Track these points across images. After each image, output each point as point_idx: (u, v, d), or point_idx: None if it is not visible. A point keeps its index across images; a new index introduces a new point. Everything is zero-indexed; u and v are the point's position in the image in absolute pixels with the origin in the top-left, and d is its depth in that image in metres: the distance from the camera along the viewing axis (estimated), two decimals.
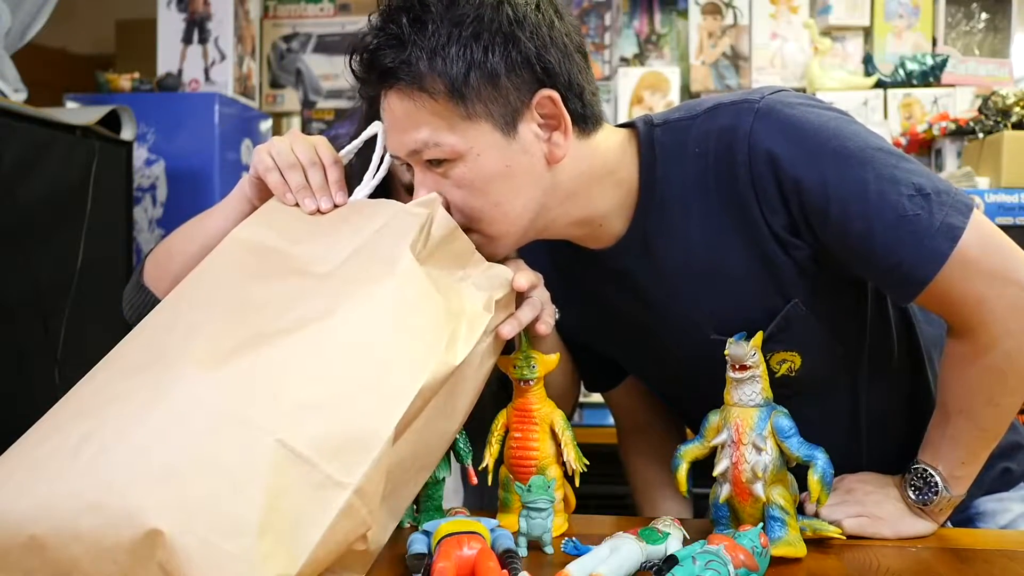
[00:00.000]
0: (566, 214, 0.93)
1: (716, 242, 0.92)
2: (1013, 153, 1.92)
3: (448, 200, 0.88)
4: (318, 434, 0.68)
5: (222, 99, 2.55)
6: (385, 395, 0.72)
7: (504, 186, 0.87)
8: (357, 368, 0.73)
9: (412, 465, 0.79)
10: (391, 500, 0.77)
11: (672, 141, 0.93)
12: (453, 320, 0.80)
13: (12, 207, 1.77)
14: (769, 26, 2.86)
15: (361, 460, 0.69)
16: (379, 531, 0.75)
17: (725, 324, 0.90)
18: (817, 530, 0.89)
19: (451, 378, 0.79)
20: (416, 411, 0.74)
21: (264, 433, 0.67)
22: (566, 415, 0.94)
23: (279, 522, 0.65)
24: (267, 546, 0.63)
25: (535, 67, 0.85)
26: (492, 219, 0.88)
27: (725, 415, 0.86)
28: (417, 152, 0.87)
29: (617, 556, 0.75)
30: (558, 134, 0.88)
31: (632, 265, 0.96)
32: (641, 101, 2.86)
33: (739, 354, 0.84)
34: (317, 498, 0.67)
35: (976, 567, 0.84)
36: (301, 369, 0.72)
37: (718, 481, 0.87)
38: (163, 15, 2.70)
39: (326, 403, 0.70)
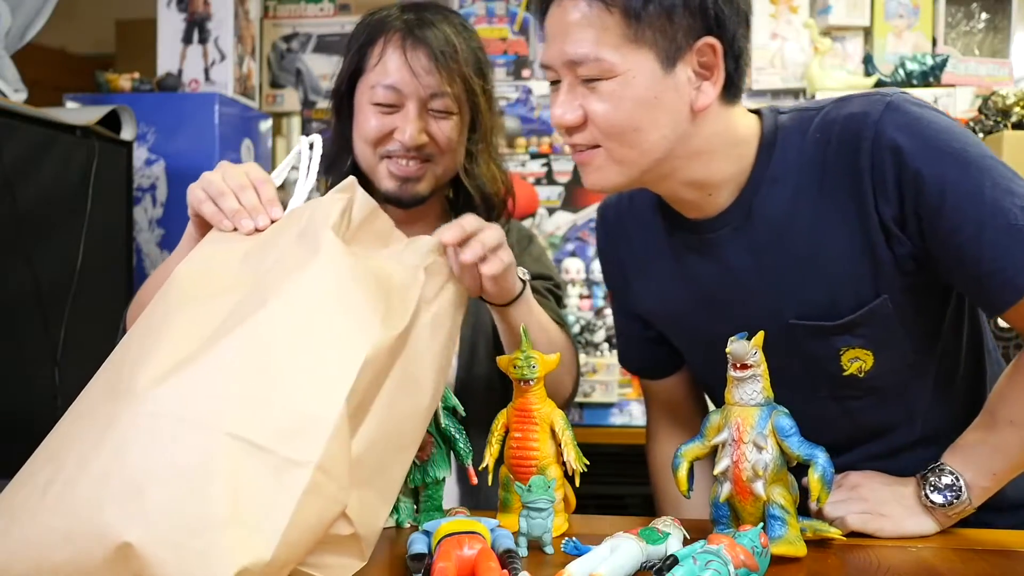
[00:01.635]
0: (687, 169, 0.96)
1: (821, 226, 0.94)
2: (1013, 153, 1.93)
3: (588, 113, 0.91)
4: (270, 422, 0.69)
5: (222, 99, 2.55)
6: (330, 372, 0.73)
7: (647, 114, 0.91)
8: (297, 352, 0.74)
9: (388, 445, 0.79)
10: (376, 482, 0.77)
11: (794, 125, 0.97)
12: (385, 293, 0.81)
13: (12, 207, 1.77)
14: (769, 26, 2.86)
15: (317, 437, 0.69)
16: (367, 514, 0.75)
17: (808, 309, 0.94)
18: (817, 531, 0.89)
19: (398, 350, 0.79)
20: (368, 384, 0.75)
21: (216, 431, 0.68)
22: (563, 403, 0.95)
23: (245, 513, 0.65)
24: (235, 537, 0.64)
25: (709, 12, 0.89)
26: (627, 141, 0.92)
27: (726, 414, 0.86)
28: (574, 64, 0.90)
29: (617, 556, 0.75)
30: (708, 84, 0.92)
31: (729, 238, 0.99)
32: None
33: (740, 352, 0.84)
34: (279, 482, 0.67)
35: (976, 567, 0.84)
36: (243, 365, 0.72)
37: (718, 480, 0.87)
38: (163, 15, 2.70)
39: (273, 392, 0.71)
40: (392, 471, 0.81)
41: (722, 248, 1.00)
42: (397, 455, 0.81)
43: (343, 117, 1.26)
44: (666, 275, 1.07)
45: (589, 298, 2.64)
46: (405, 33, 1.17)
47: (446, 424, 0.94)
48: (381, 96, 1.18)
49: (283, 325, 0.75)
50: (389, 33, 1.19)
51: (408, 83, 1.16)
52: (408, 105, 1.17)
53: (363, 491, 0.75)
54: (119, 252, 2.19)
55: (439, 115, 1.19)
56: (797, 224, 0.95)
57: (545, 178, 2.91)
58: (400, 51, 1.17)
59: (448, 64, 1.16)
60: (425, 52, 1.16)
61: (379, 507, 0.78)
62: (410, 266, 0.87)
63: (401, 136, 1.17)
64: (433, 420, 0.94)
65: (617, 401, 2.35)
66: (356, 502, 0.73)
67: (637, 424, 2.34)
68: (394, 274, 0.85)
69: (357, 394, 0.73)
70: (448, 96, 1.17)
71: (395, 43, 1.18)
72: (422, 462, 0.94)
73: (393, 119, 1.18)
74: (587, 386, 2.33)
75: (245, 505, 0.66)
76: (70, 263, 1.94)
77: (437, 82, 1.16)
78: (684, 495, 0.91)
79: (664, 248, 1.07)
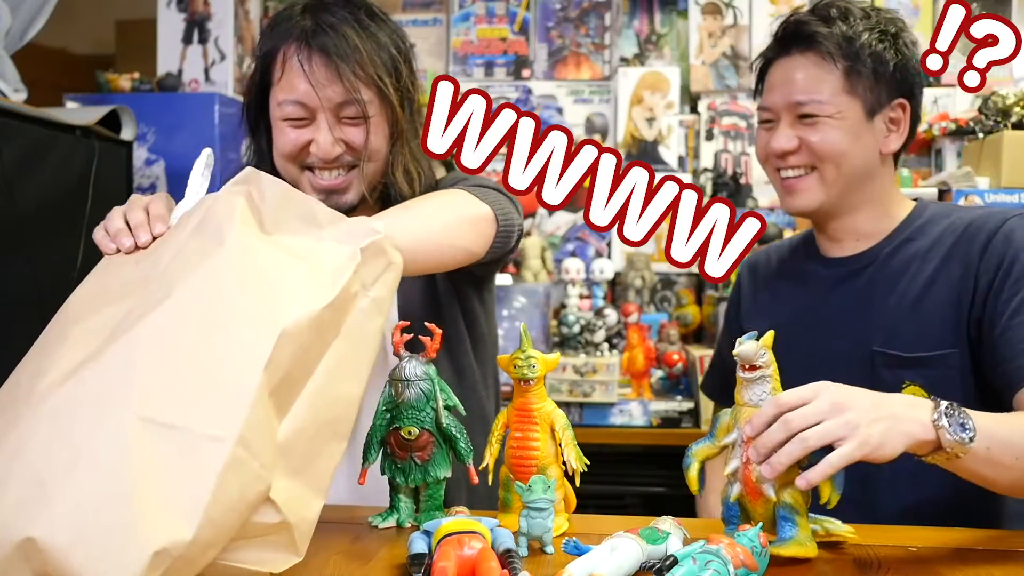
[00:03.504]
0: (859, 205, 1.21)
1: (935, 280, 1.14)
2: (1013, 153, 1.92)
3: (804, 141, 1.18)
4: (183, 402, 0.67)
5: (222, 99, 2.55)
6: (244, 346, 0.71)
7: (852, 145, 1.17)
8: (209, 333, 0.72)
9: (319, 433, 0.76)
10: (306, 472, 0.74)
11: (942, 211, 1.22)
12: (308, 272, 0.78)
13: (12, 207, 1.77)
14: (769, 26, 2.86)
15: (235, 410, 0.67)
16: (297, 504, 0.72)
17: (893, 340, 1.13)
18: (830, 530, 0.88)
19: (329, 330, 0.76)
20: (291, 360, 0.72)
21: (124, 416, 0.66)
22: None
23: (160, 494, 0.63)
24: (151, 519, 0.62)
25: (906, 81, 1.17)
26: (836, 162, 1.17)
27: (736, 415, 0.86)
28: (800, 104, 1.17)
29: (617, 556, 0.75)
30: (895, 135, 1.19)
31: (853, 274, 1.21)
32: (641, 101, 2.87)
33: (748, 353, 0.83)
34: (196, 459, 0.65)
35: (976, 567, 0.84)
36: (151, 353, 0.70)
37: (729, 481, 0.87)
38: (163, 15, 2.70)
39: (186, 372, 0.69)
40: (323, 461, 0.77)
41: (842, 281, 1.22)
42: (328, 444, 0.78)
43: (258, 132, 1.22)
44: (784, 292, 1.31)
45: (589, 298, 2.64)
46: (302, 43, 1.12)
47: (447, 424, 0.94)
48: (290, 112, 1.14)
49: (192, 311, 0.73)
50: (287, 43, 1.13)
51: (312, 96, 1.11)
52: (319, 117, 1.13)
53: (292, 481, 0.72)
54: None
55: (352, 122, 1.14)
56: (916, 275, 1.15)
57: None
58: (299, 63, 1.11)
59: (352, 69, 1.11)
60: (323, 61, 1.11)
61: (310, 498, 0.75)
62: (347, 248, 0.82)
63: (316, 149, 1.13)
64: (434, 420, 0.94)
65: (617, 401, 2.34)
66: (284, 491, 0.71)
67: (637, 424, 2.34)
68: (321, 253, 0.81)
69: (278, 368, 0.70)
70: (355, 105, 1.12)
71: (293, 55, 1.12)
72: (422, 462, 0.95)
73: (307, 132, 1.14)
74: (587, 386, 2.33)
75: (161, 486, 0.64)
76: (70, 263, 1.94)
77: (342, 91, 1.11)
78: (695, 494, 0.91)
79: (793, 272, 1.31)
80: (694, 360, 2.38)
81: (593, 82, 2.95)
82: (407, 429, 0.93)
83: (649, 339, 2.51)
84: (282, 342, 0.71)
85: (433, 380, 0.94)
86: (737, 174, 2.82)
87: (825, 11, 1.18)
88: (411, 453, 0.94)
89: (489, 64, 2.97)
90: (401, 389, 0.93)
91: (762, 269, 1.38)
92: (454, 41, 2.97)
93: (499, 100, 1.26)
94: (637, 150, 2.86)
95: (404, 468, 0.95)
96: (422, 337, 0.94)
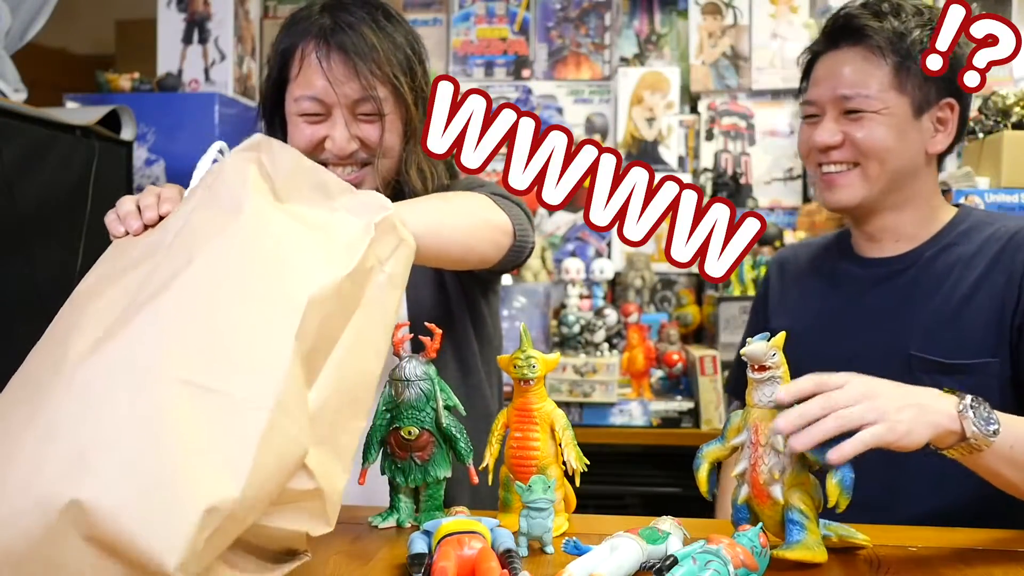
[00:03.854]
0: (902, 205, 1.19)
1: (978, 287, 1.13)
2: (1013, 153, 1.92)
3: (848, 136, 1.16)
4: (220, 365, 0.68)
5: (222, 99, 2.55)
6: (275, 313, 0.71)
7: (898, 142, 1.15)
8: (236, 300, 0.72)
9: (343, 408, 0.76)
10: (333, 444, 0.75)
11: (984, 217, 1.21)
12: (325, 241, 0.78)
13: (12, 207, 1.77)
14: (769, 26, 2.86)
15: (271, 376, 0.67)
16: (327, 473, 0.73)
17: (932, 345, 1.12)
18: (844, 537, 0.87)
19: (350, 303, 0.77)
20: (318, 329, 0.72)
21: (163, 380, 0.66)
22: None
23: (205, 454, 0.63)
24: (199, 477, 0.62)
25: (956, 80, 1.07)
26: (880, 158, 1.15)
27: (745, 416, 0.86)
28: (846, 99, 1.15)
29: (617, 556, 0.75)
30: (942, 135, 1.17)
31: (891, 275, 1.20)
32: (641, 101, 2.87)
33: (757, 354, 0.83)
34: (237, 422, 0.65)
35: (976, 567, 0.84)
36: (181, 319, 0.70)
37: (737, 482, 0.86)
38: (163, 15, 2.70)
39: (218, 337, 0.69)
40: (346, 437, 0.77)
41: (880, 281, 1.21)
42: (350, 421, 0.78)
43: (273, 128, 1.24)
44: (815, 290, 1.29)
45: (589, 298, 2.64)
46: (320, 40, 1.15)
47: (447, 424, 0.94)
48: (307, 107, 1.16)
49: (216, 277, 0.73)
50: (306, 40, 1.16)
51: (329, 93, 1.14)
52: (335, 114, 1.16)
53: (321, 449, 0.72)
54: None
55: (367, 119, 1.16)
56: (958, 281, 1.14)
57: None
58: (317, 60, 1.14)
59: (369, 67, 1.13)
60: (342, 59, 1.13)
61: (338, 471, 0.75)
62: (361, 221, 0.82)
63: (331, 145, 1.16)
64: (434, 420, 0.94)
65: (617, 401, 2.34)
66: (316, 458, 0.71)
67: (637, 424, 2.34)
68: (335, 225, 0.81)
69: (307, 336, 0.71)
70: (371, 102, 1.15)
71: (311, 52, 1.15)
72: (422, 462, 0.95)
73: (323, 128, 1.16)
74: (587, 386, 2.33)
75: (205, 447, 0.64)
76: (70, 263, 1.94)
77: (359, 88, 1.14)
78: (705, 496, 0.90)
79: (825, 271, 1.29)
80: (694, 360, 2.38)
81: (593, 82, 2.95)
82: (407, 429, 0.93)
83: (649, 339, 2.51)
84: (310, 310, 0.71)
85: (433, 380, 0.94)
86: (737, 174, 2.82)
87: (876, 6, 1.16)
88: (411, 453, 0.94)
89: (489, 64, 2.97)
90: (401, 389, 0.93)
91: (791, 266, 1.36)
92: (454, 41, 2.97)
93: (499, 100, 1.26)
94: (637, 150, 2.86)
95: (404, 468, 0.95)
96: (422, 337, 0.94)
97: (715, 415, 2.32)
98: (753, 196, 2.82)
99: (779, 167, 2.87)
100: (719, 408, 2.33)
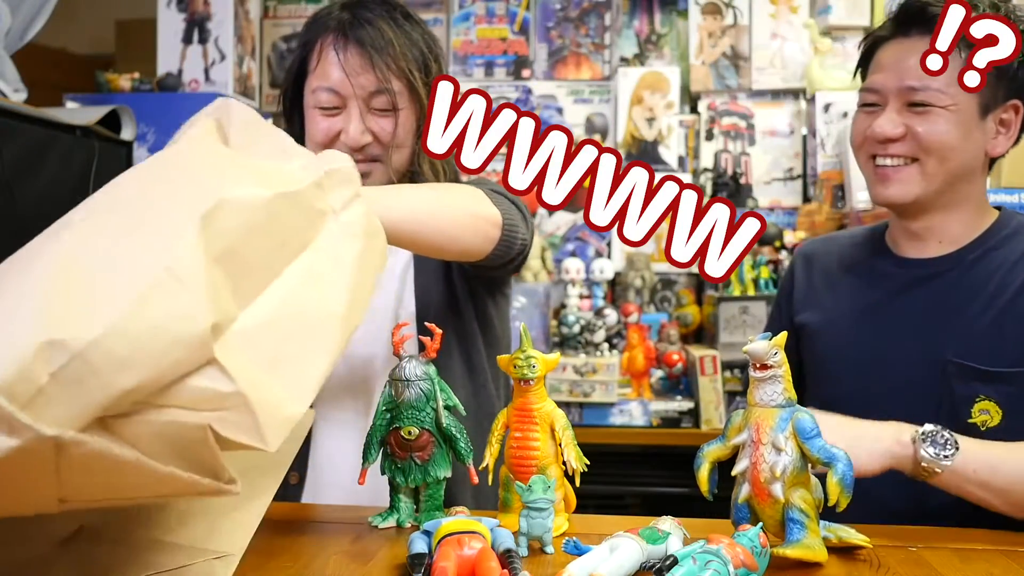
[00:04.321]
0: (952, 206, 1.17)
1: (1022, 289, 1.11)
2: (1013, 153, 1.91)
3: (911, 130, 1.13)
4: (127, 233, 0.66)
5: None
6: (189, 199, 0.67)
7: (960, 140, 1.12)
8: (154, 193, 0.71)
9: (292, 335, 0.71)
10: (279, 372, 0.69)
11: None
12: (267, 173, 0.75)
13: (12, 207, 1.77)
14: (769, 26, 2.86)
15: (165, 241, 0.64)
16: (265, 396, 0.65)
17: (969, 352, 1.10)
18: (843, 538, 0.87)
19: (290, 228, 0.74)
20: (236, 232, 0.68)
21: (78, 235, 0.66)
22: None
23: (74, 296, 0.60)
24: (58, 311, 0.59)
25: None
26: (940, 155, 1.12)
27: (747, 415, 0.86)
28: (912, 90, 1.12)
29: (617, 556, 0.75)
30: (1004, 138, 1.16)
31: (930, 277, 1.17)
32: (641, 101, 2.87)
33: (758, 352, 0.82)
34: (123, 276, 0.62)
35: (976, 567, 0.84)
36: (101, 209, 0.71)
37: (737, 481, 0.86)
38: (163, 15, 2.70)
39: (131, 216, 0.68)
40: (300, 367, 0.72)
41: (919, 283, 1.18)
42: (308, 353, 0.73)
43: (293, 119, 1.27)
44: (845, 286, 1.26)
45: (589, 298, 2.64)
46: (339, 34, 1.18)
47: (447, 424, 0.94)
48: (323, 99, 1.19)
49: (139, 178, 0.73)
50: (325, 34, 1.20)
51: (345, 84, 1.17)
52: (350, 106, 1.18)
53: (258, 370, 0.67)
54: None
55: (381, 113, 1.19)
56: (1001, 287, 1.12)
57: None
58: (334, 52, 1.18)
59: (384, 61, 1.16)
60: (358, 51, 1.17)
61: (284, 398, 0.69)
62: (308, 171, 0.78)
63: (345, 137, 1.18)
64: (434, 420, 0.94)
65: (617, 401, 2.35)
66: (244, 368, 0.65)
67: (637, 424, 2.34)
68: (283, 171, 0.78)
69: (221, 233, 0.66)
70: (386, 95, 1.17)
71: (330, 45, 1.19)
72: (422, 462, 0.95)
73: (338, 121, 1.19)
74: (587, 386, 2.33)
75: (81, 292, 0.61)
76: None
77: (374, 80, 1.17)
78: (705, 496, 0.90)
79: (857, 267, 1.26)
80: (694, 360, 2.38)
81: (593, 82, 2.95)
82: (407, 429, 0.93)
83: (649, 339, 2.51)
84: (225, 207, 0.67)
85: (433, 380, 0.94)
86: (737, 174, 2.82)
87: None
88: (411, 453, 0.94)
89: (489, 64, 2.97)
90: (401, 389, 0.93)
91: (819, 260, 1.33)
92: (454, 41, 2.97)
93: (499, 100, 1.27)
94: (637, 150, 2.86)
95: (404, 468, 0.95)
96: (422, 337, 0.94)
97: (715, 415, 2.32)
98: (753, 196, 2.82)
99: (779, 167, 2.87)
100: (719, 408, 2.33)
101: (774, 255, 2.56)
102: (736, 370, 2.38)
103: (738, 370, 2.37)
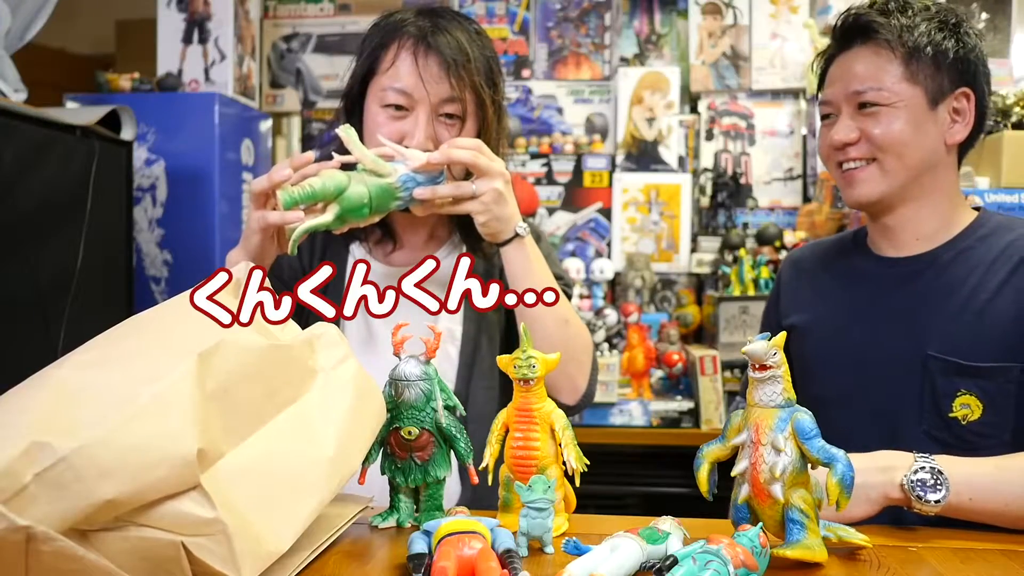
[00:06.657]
0: (922, 198, 1.19)
1: (1000, 292, 1.13)
2: (1013, 153, 1.92)
3: (864, 132, 1.17)
4: (121, 368, 0.72)
5: (222, 99, 2.55)
6: (183, 339, 0.74)
7: (914, 135, 1.16)
8: (155, 335, 0.78)
9: (277, 482, 0.74)
10: (264, 512, 0.71)
11: (1006, 223, 1.20)
12: (266, 328, 0.83)
13: (12, 207, 1.77)
14: (769, 26, 2.87)
15: (161, 370, 0.69)
16: (243, 522, 0.67)
17: (950, 347, 1.12)
18: (843, 538, 0.87)
19: (281, 379, 0.79)
20: (231, 371, 0.72)
21: (76, 366, 0.71)
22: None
23: (71, 410, 0.65)
24: (47, 419, 0.63)
25: (970, 67, 1.16)
26: (897, 152, 1.16)
27: (746, 415, 0.85)
28: (859, 93, 1.17)
29: (617, 556, 0.75)
30: (960, 126, 1.18)
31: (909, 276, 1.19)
32: (641, 101, 2.87)
33: (759, 352, 0.82)
34: (115, 394, 0.67)
35: (976, 567, 0.84)
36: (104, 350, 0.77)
37: (737, 481, 0.86)
38: (163, 15, 2.70)
39: (130, 351, 0.75)
40: (287, 506, 0.74)
41: (897, 280, 1.20)
42: (293, 492, 0.76)
43: (353, 118, 1.27)
44: (829, 288, 1.29)
45: (589, 298, 2.64)
46: (418, 39, 1.19)
47: (447, 424, 0.94)
48: (392, 99, 1.19)
49: (142, 327, 0.79)
50: (403, 38, 1.20)
51: (419, 88, 1.18)
52: (418, 110, 1.19)
53: (243, 508, 0.69)
54: (119, 252, 2.19)
55: (448, 122, 1.21)
56: (980, 284, 1.14)
57: (545, 178, 2.91)
58: (412, 56, 1.19)
59: (459, 72, 1.18)
60: (437, 59, 1.18)
61: (266, 535, 0.71)
62: (299, 334, 0.86)
63: (410, 142, 1.18)
64: (434, 420, 0.94)
65: (617, 401, 2.35)
66: (222, 493, 0.67)
67: (637, 424, 2.34)
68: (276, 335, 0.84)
69: (216, 370, 0.70)
70: (457, 103, 1.19)
71: (408, 48, 1.19)
72: (422, 462, 0.95)
73: (403, 124, 1.20)
74: None
75: (79, 410, 0.64)
76: (70, 263, 1.94)
77: (447, 89, 1.18)
78: (705, 496, 0.90)
79: (841, 269, 1.30)
80: (694, 360, 2.38)
81: (593, 82, 2.95)
82: (407, 429, 0.93)
83: (649, 339, 2.51)
84: (223, 348, 0.71)
85: (433, 380, 0.94)
86: (737, 174, 2.82)
87: (884, 5, 1.19)
88: (411, 453, 0.94)
89: None
90: (401, 389, 0.93)
91: (805, 264, 1.37)
92: None
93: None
94: (637, 150, 2.86)
95: (404, 468, 0.95)
96: (422, 338, 0.94)
97: (715, 415, 2.32)
98: (753, 196, 2.82)
99: (779, 167, 2.87)
100: (719, 408, 2.33)
101: (774, 255, 2.56)
102: (736, 370, 2.38)
103: (738, 370, 2.37)
